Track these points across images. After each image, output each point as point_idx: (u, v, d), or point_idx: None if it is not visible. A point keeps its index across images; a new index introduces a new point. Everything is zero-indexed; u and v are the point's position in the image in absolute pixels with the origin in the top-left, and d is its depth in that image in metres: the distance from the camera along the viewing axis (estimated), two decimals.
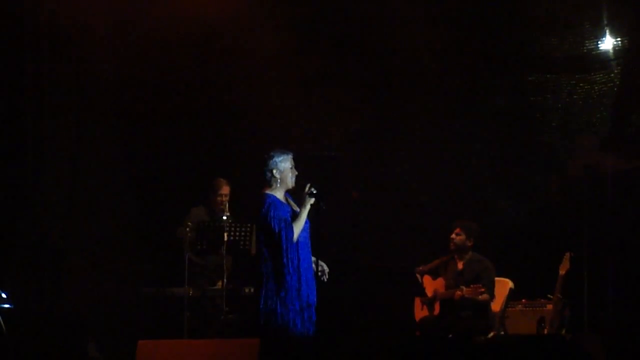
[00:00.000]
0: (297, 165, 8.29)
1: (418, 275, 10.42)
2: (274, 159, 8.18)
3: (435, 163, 11.38)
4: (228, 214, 10.26)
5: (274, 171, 8.16)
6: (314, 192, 8.10)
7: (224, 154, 11.50)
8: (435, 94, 11.36)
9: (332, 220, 8.68)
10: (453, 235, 10.20)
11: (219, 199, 10.65)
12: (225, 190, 10.67)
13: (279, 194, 8.21)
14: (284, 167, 8.17)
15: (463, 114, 11.36)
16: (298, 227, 8.10)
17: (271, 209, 8.06)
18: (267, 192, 8.16)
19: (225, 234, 10.12)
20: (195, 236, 10.29)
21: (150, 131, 11.51)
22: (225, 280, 10.11)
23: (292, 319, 8.08)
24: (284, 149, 8.25)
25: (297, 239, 8.13)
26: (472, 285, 9.81)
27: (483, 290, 9.79)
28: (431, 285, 10.31)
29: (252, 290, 9.83)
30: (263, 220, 8.11)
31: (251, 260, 9.93)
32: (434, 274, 10.36)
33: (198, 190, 10.84)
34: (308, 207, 8.11)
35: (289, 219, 8.09)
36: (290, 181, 8.20)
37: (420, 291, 10.39)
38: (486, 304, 9.99)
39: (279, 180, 8.17)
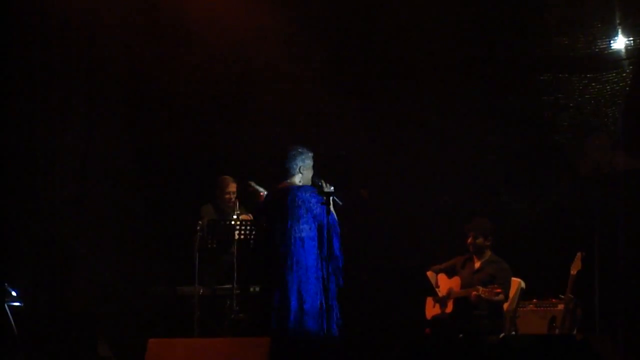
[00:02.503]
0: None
1: (429, 276, 10.41)
2: (302, 155, 8.23)
3: (446, 162, 11.35)
4: (239, 212, 10.25)
5: (302, 167, 8.19)
6: (332, 189, 8.12)
7: (233, 151, 11.48)
8: (447, 93, 11.32)
9: (341, 218, 8.65)
10: (470, 240, 10.20)
11: (226, 197, 10.63)
12: (233, 187, 10.65)
13: None
14: (309, 164, 8.23)
15: (474, 114, 11.32)
16: None
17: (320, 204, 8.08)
18: (302, 185, 8.17)
19: (236, 233, 10.11)
20: (205, 235, 10.28)
21: (160, 129, 11.50)
22: (235, 278, 10.09)
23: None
24: (304, 146, 8.28)
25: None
26: (489, 286, 9.80)
27: (499, 291, 9.78)
28: (446, 283, 10.29)
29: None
30: (323, 213, 8.15)
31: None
32: (450, 273, 10.35)
33: (207, 188, 10.82)
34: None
35: None
36: (309, 179, 8.23)
37: (431, 291, 10.37)
38: (500, 305, 9.97)
39: (301, 176, 8.20)
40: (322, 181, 8.19)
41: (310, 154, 8.30)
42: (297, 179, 8.25)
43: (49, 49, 10.83)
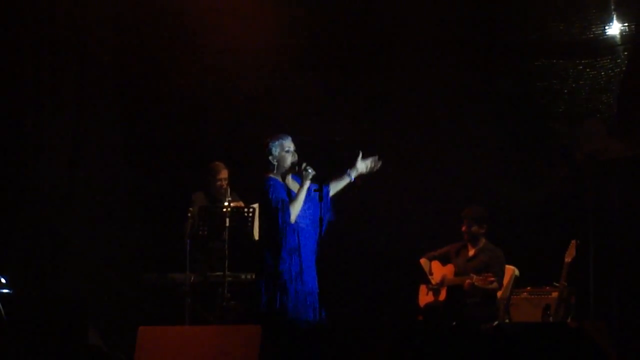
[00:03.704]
0: (301, 150, 8.25)
1: (423, 263, 10.37)
2: (268, 146, 8.26)
3: (440, 149, 11.31)
4: (230, 198, 10.18)
5: (270, 157, 8.22)
6: (309, 171, 8.07)
7: (226, 138, 11.42)
8: (441, 79, 11.26)
9: (336, 206, 8.59)
10: (464, 228, 10.18)
11: (218, 183, 10.57)
12: (224, 174, 10.58)
13: (280, 177, 8.19)
14: (277, 151, 8.24)
15: (468, 100, 11.27)
16: (295, 208, 8.09)
17: (270, 190, 8.09)
18: (269, 175, 8.18)
19: (227, 220, 10.05)
20: (196, 222, 10.22)
21: (150, 116, 11.45)
22: (226, 266, 10.03)
23: (292, 304, 8.01)
24: (278, 134, 8.26)
25: (297, 224, 8.11)
26: (483, 274, 9.78)
27: (493, 279, 9.76)
28: (440, 270, 10.27)
29: (253, 276, 9.77)
30: (263, 201, 8.12)
31: (253, 246, 9.89)
32: (444, 260, 10.31)
33: (199, 174, 10.76)
34: (305, 188, 8.10)
35: (287, 200, 8.07)
36: (287, 164, 8.19)
37: (424, 279, 10.33)
38: (494, 293, 9.94)
39: (275, 165, 8.21)
40: (304, 165, 8.14)
41: (279, 141, 8.24)
42: (274, 169, 8.24)
43: (39, 36, 10.80)
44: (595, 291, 10.12)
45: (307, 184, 8.13)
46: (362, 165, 8.41)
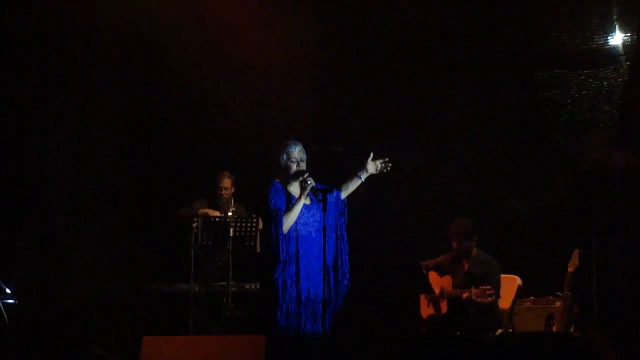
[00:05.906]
0: (309, 160, 8.23)
1: (424, 269, 10.37)
2: (277, 152, 8.18)
3: (443, 158, 11.32)
4: (234, 208, 10.21)
5: (278, 163, 8.15)
6: (309, 182, 8.01)
7: (231, 148, 11.44)
8: (443, 89, 11.28)
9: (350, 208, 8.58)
10: (455, 245, 10.18)
11: (219, 192, 10.63)
12: (226, 183, 10.62)
13: (287, 183, 8.15)
14: (284, 159, 8.15)
15: (471, 110, 11.29)
16: (288, 219, 8.02)
17: (270, 196, 8.04)
18: (275, 180, 8.14)
19: (231, 230, 10.07)
20: (200, 232, 10.25)
21: (155, 126, 11.47)
22: (231, 276, 10.06)
23: (284, 312, 7.99)
24: (288, 140, 8.21)
25: (297, 231, 8.06)
26: (480, 287, 9.78)
27: (492, 292, 9.78)
28: (438, 282, 10.26)
29: (257, 286, 9.78)
30: (264, 206, 8.12)
31: (257, 256, 9.90)
32: (440, 271, 10.31)
33: (204, 184, 10.79)
34: (302, 200, 8.04)
35: (283, 209, 8.02)
36: (291, 173, 8.13)
37: (426, 287, 10.32)
38: (493, 303, 9.95)
39: (283, 172, 8.16)
40: (305, 175, 8.09)
41: (287, 150, 8.18)
42: (281, 175, 8.22)
43: (45, 40, 10.80)
44: (598, 301, 10.13)
45: (305, 194, 8.06)
46: (372, 167, 8.28)
